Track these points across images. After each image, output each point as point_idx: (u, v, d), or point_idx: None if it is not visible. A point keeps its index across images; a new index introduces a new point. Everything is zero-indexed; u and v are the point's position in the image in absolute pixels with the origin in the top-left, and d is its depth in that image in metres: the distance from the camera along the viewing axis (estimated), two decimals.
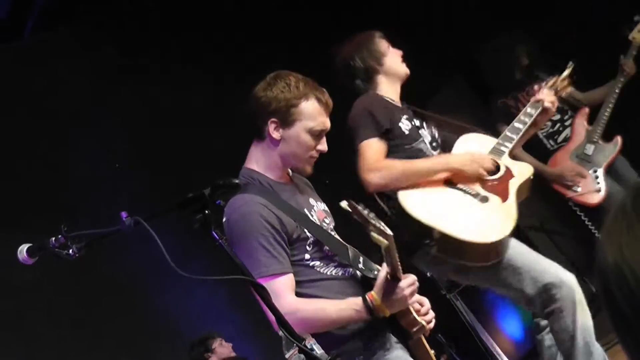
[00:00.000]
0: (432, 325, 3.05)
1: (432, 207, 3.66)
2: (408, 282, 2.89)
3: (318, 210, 3.15)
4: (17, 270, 3.13)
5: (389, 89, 4.06)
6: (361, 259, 3.04)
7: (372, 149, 3.76)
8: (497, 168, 3.87)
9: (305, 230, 2.98)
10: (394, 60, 4.09)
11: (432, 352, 3.15)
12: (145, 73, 6.14)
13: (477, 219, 3.66)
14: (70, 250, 2.43)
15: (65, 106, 5.81)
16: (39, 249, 2.48)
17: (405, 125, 3.92)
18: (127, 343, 5.79)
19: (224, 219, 2.96)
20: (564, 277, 3.63)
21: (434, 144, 4.05)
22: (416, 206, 3.63)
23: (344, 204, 2.71)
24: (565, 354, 3.61)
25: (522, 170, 3.96)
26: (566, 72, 4.38)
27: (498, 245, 3.62)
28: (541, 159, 5.62)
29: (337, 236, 3.16)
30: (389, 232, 2.71)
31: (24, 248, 2.49)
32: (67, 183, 5.64)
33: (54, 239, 2.44)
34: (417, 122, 4.04)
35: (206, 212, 2.46)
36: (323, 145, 3.08)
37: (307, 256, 2.98)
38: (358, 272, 3.04)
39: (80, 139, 5.77)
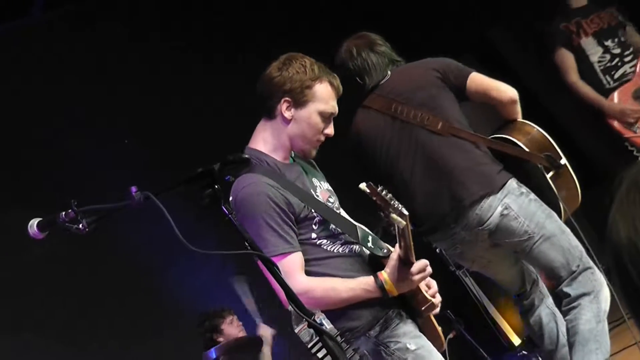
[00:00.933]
0: (438, 309, 3.10)
1: None
2: (419, 267, 2.95)
3: (322, 190, 3.16)
4: (26, 246, 3.15)
5: None
6: (370, 238, 3.07)
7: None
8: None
9: (312, 209, 3.00)
10: None
11: (439, 328, 3.17)
12: (154, 49, 6.13)
13: None
14: (80, 225, 2.43)
15: (73, 82, 5.81)
16: (49, 224, 2.48)
17: None
18: (133, 320, 5.79)
19: (230, 199, 2.97)
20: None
21: None
22: None
23: (362, 185, 2.73)
24: (588, 335, 3.65)
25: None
26: None
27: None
28: None
29: (344, 214, 3.18)
30: (405, 212, 2.76)
31: (34, 222, 2.49)
32: (77, 159, 5.64)
33: (64, 213, 2.44)
34: None
35: (216, 187, 2.46)
36: (330, 130, 3.11)
37: (313, 235, 3.01)
38: (366, 250, 3.07)
39: (89, 114, 5.76)
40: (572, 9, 5.55)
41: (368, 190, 2.73)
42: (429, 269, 3.00)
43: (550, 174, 3.73)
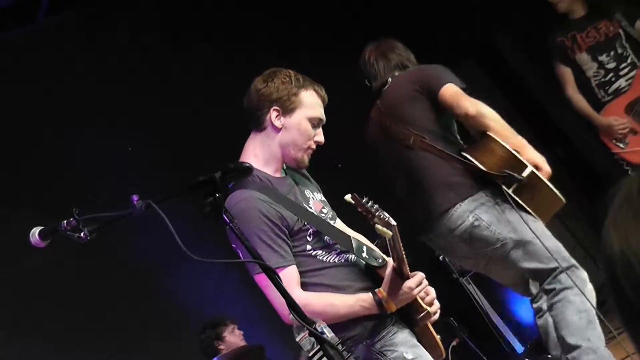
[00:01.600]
0: (436, 316, 3.12)
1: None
2: (417, 281, 2.99)
3: (315, 202, 3.18)
4: (26, 254, 3.15)
5: None
6: (364, 248, 3.09)
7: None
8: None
9: (305, 222, 3.02)
10: None
11: (438, 337, 3.17)
12: (159, 54, 6.14)
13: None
14: (82, 234, 2.44)
15: (77, 88, 5.82)
16: (50, 232, 2.49)
17: None
18: (136, 326, 5.80)
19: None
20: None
21: None
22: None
23: (348, 197, 2.80)
24: (580, 323, 3.65)
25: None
26: None
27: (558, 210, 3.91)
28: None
29: (339, 224, 3.22)
30: (392, 222, 2.80)
31: (35, 231, 2.50)
32: (78, 166, 5.65)
33: (65, 222, 2.45)
34: None
35: (217, 195, 2.47)
36: (320, 137, 3.15)
37: (308, 247, 3.03)
38: (362, 261, 3.08)
39: (92, 121, 5.78)
40: (571, 21, 5.51)
41: (353, 202, 2.76)
42: (425, 282, 3.04)
43: (513, 187, 3.74)
